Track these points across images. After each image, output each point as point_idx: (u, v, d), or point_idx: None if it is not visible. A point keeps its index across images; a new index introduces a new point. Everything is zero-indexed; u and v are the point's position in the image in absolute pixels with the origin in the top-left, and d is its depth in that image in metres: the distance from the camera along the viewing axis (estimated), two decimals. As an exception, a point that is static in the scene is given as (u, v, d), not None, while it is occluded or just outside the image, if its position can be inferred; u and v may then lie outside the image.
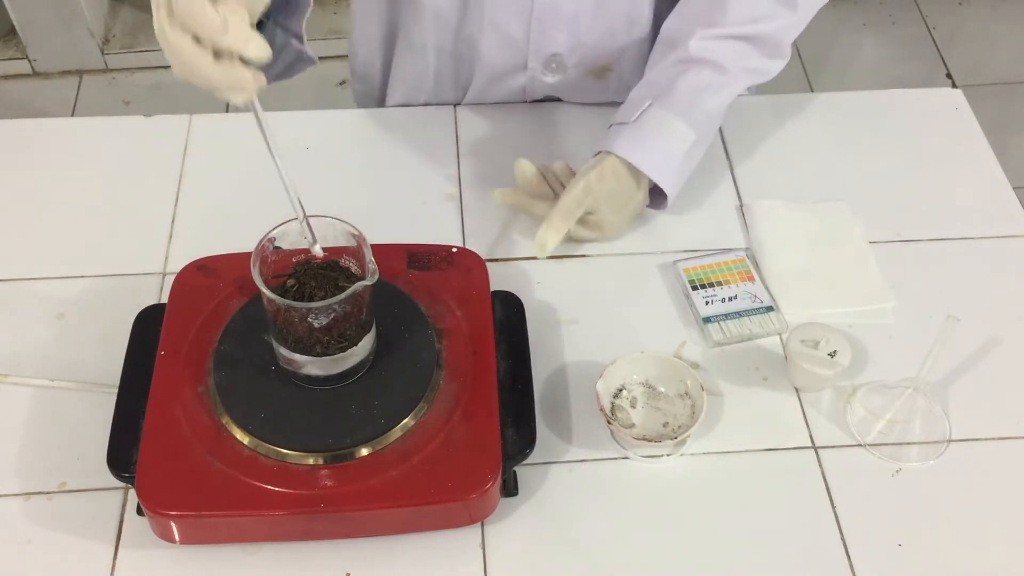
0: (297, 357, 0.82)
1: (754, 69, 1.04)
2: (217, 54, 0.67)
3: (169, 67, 0.71)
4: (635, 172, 1.00)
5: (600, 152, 1.02)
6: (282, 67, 0.79)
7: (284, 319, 0.80)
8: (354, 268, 0.83)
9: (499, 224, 1.07)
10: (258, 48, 0.67)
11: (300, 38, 0.78)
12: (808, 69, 2.56)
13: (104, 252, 1.04)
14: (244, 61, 0.68)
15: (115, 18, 2.58)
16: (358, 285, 0.78)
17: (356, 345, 0.83)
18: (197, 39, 0.66)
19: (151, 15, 0.70)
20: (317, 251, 0.79)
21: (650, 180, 1.01)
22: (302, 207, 0.77)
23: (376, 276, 0.78)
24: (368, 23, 1.17)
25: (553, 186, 1.06)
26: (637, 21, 1.10)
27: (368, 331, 0.84)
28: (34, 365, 0.94)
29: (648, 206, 1.06)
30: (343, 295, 0.77)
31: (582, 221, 1.01)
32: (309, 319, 0.79)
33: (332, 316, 0.79)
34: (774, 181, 1.12)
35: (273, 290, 0.79)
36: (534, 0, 1.07)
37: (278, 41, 0.76)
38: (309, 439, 0.81)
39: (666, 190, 1.01)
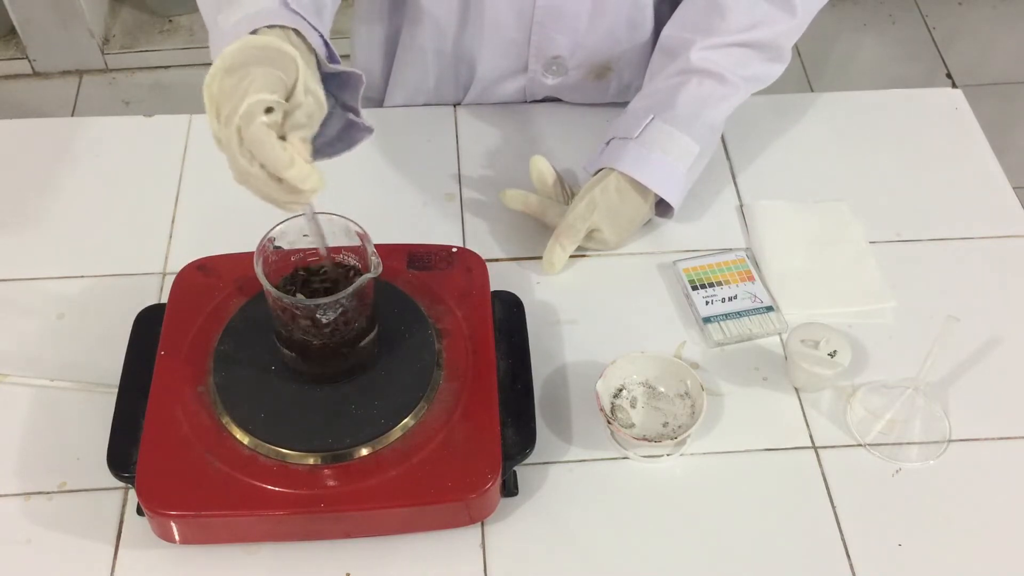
0: (300, 354, 0.82)
1: (755, 77, 1.04)
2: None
3: (169, 67, 0.72)
4: (640, 188, 1.01)
5: (603, 168, 1.02)
6: (331, 137, 0.82)
7: (289, 317, 0.80)
8: (355, 263, 0.84)
9: (499, 224, 1.07)
10: (314, 184, 0.71)
11: (355, 111, 0.81)
12: (808, 69, 2.56)
13: (104, 252, 1.04)
14: None
15: (115, 18, 2.58)
16: (363, 278, 0.78)
17: (362, 341, 0.83)
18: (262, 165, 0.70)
19: (151, 15, 0.71)
20: (323, 252, 0.81)
21: (656, 194, 1.01)
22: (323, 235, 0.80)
23: (380, 269, 0.78)
24: (369, 26, 1.17)
25: (565, 190, 1.06)
26: (638, 23, 1.10)
27: (373, 327, 0.84)
28: (34, 365, 0.94)
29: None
30: (350, 289, 0.78)
31: (587, 236, 1.02)
32: (316, 315, 0.79)
33: (339, 311, 0.79)
34: (774, 181, 1.12)
35: (277, 288, 0.79)
36: (535, 3, 1.07)
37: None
38: (309, 439, 0.81)
39: (673, 204, 1.02)
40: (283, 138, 0.71)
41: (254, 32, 0.74)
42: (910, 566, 0.84)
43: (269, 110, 0.69)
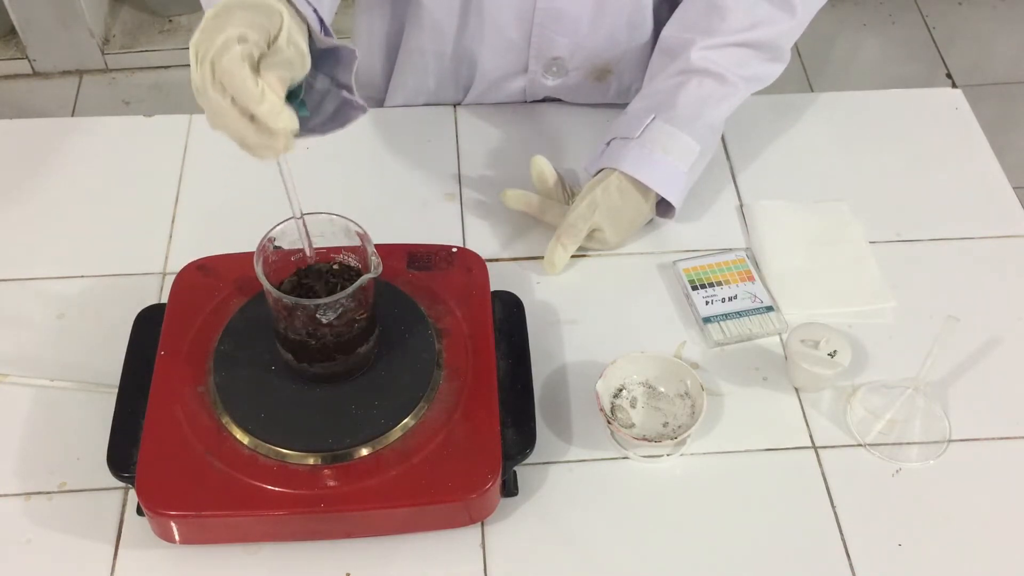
0: (300, 354, 0.82)
1: (754, 76, 1.04)
2: (252, 116, 0.70)
3: (169, 67, 0.72)
4: (641, 188, 1.01)
5: (604, 168, 1.02)
6: (327, 116, 0.80)
7: (289, 317, 0.80)
8: (355, 263, 0.84)
9: (499, 224, 1.07)
10: (286, 122, 0.70)
11: (349, 88, 0.80)
12: (808, 69, 2.56)
13: (104, 252, 1.04)
14: None
15: (115, 18, 2.58)
16: (364, 278, 0.78)
17: (364, 341, 0.83)
18: (234, 100, 0.69)
19: (151, 15, 0.71)
20: (309, 254, 0.81)
21: (657, 194, 1.01)
22: (307, 233, 0.79)
23: (380, 269, 0.78)
24: (370, 27, 1.17)
25: (566, 190, 1.06)
26: (638, 25, 1.10)
27: (373, 327, 0.84)
28: (34, 365, 0.94)
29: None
30: (350, 289, 0.78)
31: (588, 236, 1.01)
32: (317, 315, 0.79)
33: (340, 311, 0.79)
34: (774, 181, 1.12)
35: (278, 288, 0.79)
36: (535, 5, 1.07)
37: (318, 87, 0.77)
38: (309, 439, 0.81)
39: (674, 204, 1.02)
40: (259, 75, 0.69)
41: None
42: (910, 566, 0.84)
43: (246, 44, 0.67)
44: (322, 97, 0.76)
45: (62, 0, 2.37)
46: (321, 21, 0.78)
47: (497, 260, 1.04)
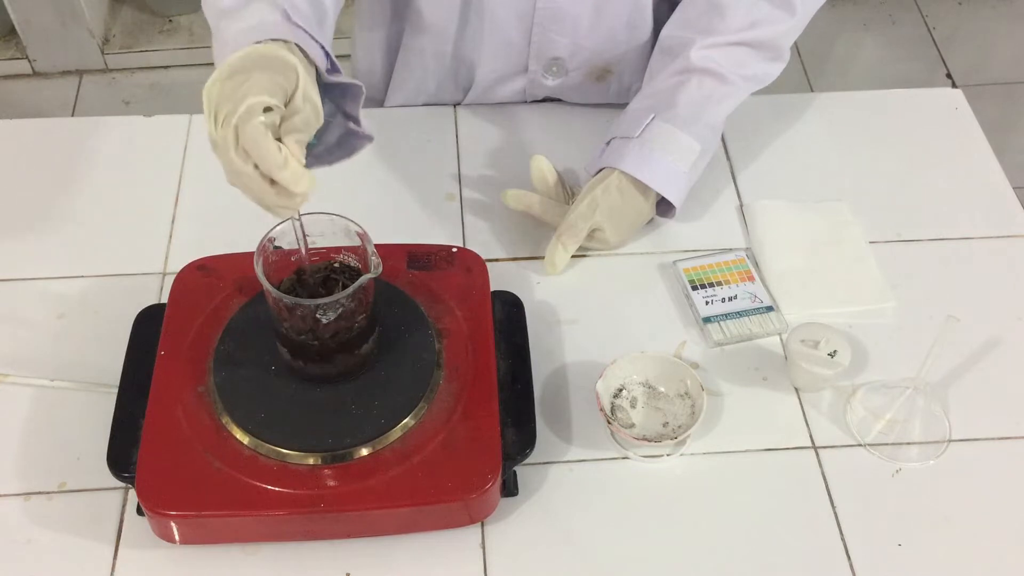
0: (300, 354, 0.82)
1: (754, 76, 1.05)
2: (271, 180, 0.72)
3: (169, 67, 0.73)
4: (642, 187, 1.01)
5: (604, 168, 1.02)
6: (330, 145, 0.83)
7: (289, 317, 0.80)
8: (355, 263, 0.84)
9: (499, 224, 1.07)
10: (306, 187, 0.72)
11: (355, 120, 0.82)
12: (808, 69, 2.56)
13: (104, 252, 1.04)
14: None
15: (115, 18, 2.58)
16: (364, 278, 0.78)
17: (364, 341, 0.83)
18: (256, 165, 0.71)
19: (151, 15, 0.72)
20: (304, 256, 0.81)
21: (657, 193, 1.01)
22: (303, 236, 0.80)
23: (380, 269, 0.78)
24: (370, 28, 1.17)
25: (566, 190, 1.06)
26: (638, 25, 1.10)
27: (373, 327, 0.84)
28: (34, 365, 0.94)
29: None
30: (350, 289, 0.78)
31: (589, 236, 1.01)
32: (317, 315, 0.79)
33: (340, 311, 0.79)
34: (774, 181, 1.12)
35: (278, 288, 0.79)
36: (535, 5, 1.07)
37: (325, 111, 0.77)
38: (309, 439, 0.81)
39: (675, 203, 1.02)
40: (279, 140, 0.71)
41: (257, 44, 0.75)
42: (910, 566, 0.84)
43: (268, 111, 0.69)
44: (326, 126, 0.78)
45: (62, 0, 2.37)
46: (328, 57, 0.79)
47: (497, 260, 1.04)
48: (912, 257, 1.05)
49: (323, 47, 0.79)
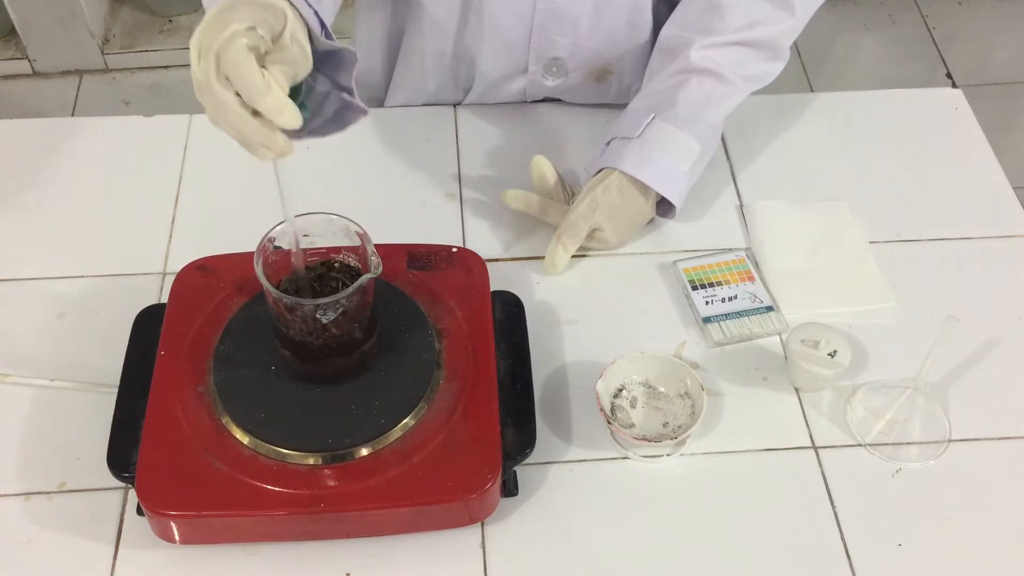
0: (300, 354, 0.82)
1: (754, 75, 1.05)
2: (254, 112, 0.69)
3: (169, 67, 0.72)
4: (642, 187, 1.01)
5: (604, 168, 1.02)
6: (327, 118, 0.80)
7: (289, 316, 0.80)
8: (355, 263, 0.84)
9: (499, 224, 1.07)
10: (289, 118, 0.69)
11: (350, 91, 0.79)
12: (808, 69, 2.56)
13: (104, 252, 1.04)
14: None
15: (115, 18, 2.58)
16: (364, 278, 0.78)
17: (364, 341, 0.83)
18: (237, 94, 0.68)
19: (151, 15, 0.71)
20: (297, 260, 0.81)
21: (657, 193, 1.01)
22: (298, 239, 0.79)
23: (380, 269, 0.78)
24: (370, 28, 1.17)
25: (566, 190, 1.06)
26: (638, 25, 1.10)
27: (373, 327, 0.84)
28: (34, 365, 0.94)
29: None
30: (350, 289, 0.78)
31: (589, 236, 1.02)
32: (317, 315, 0.79)
33: (340, 311, 0.79)
34: (774, 181, 1.12)
35: (278, 287, 0.79)
36: (535, 6, 1.07)
37: (319, 89, 0.77)
38: (309, 439, 0.81)
39: (675, 203, 1.02)
40: (264, 69, 0.68)
41: None
42: (910, 566, 0.84)
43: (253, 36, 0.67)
44: (323, 99, 0.76)
45: (62, 0, 2.37)
46: (322, 23, 0.78)
47: (497, 260, 1.04)
48: (912, 257, 1.05)
49: (317, 13, 0.77)
